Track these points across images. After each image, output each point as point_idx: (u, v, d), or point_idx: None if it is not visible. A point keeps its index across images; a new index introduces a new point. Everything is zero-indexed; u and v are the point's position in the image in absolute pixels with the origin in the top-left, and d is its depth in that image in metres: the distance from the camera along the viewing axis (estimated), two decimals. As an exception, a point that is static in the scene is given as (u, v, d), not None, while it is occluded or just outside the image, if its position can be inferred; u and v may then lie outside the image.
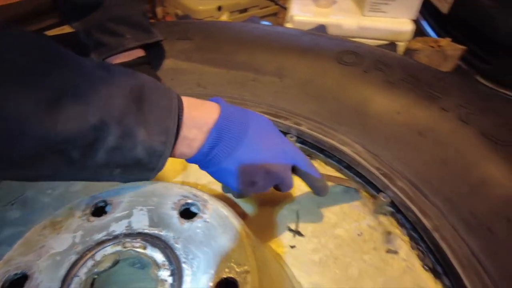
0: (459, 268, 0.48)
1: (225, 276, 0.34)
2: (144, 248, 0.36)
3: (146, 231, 0.38)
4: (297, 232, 0.62)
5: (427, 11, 2.03)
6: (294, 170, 0.50)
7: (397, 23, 1.52)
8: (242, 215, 0.62)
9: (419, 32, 1.82)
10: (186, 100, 0.41)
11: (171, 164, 0.63)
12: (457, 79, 0.69)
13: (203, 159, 0.42)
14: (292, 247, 0.60)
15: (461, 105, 0.63)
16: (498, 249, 0.48)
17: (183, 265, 0.35)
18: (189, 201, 0.40)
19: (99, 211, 0.40)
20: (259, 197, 0.65)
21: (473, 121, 0.60)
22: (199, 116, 0.41)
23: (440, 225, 0.52)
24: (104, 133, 0.34)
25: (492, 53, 1.64)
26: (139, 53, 0.72)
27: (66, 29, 0.81)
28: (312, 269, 0.56)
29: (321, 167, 0.68)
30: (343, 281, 0.54)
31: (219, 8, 1.85)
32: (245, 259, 0.35)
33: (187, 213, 0.40)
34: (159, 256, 0.35)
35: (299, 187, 0.65)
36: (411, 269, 0.54)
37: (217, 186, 0.61)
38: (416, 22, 1.63)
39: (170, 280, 0.34)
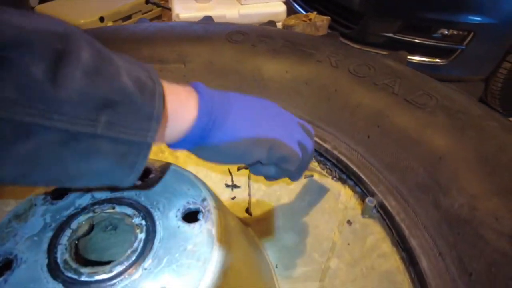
0: (356, 168, 0.64)
1: (188, 207, 0.43)
2: (113, 208, 0.43)
3: (109, 197, 0.44)
4: (234, 186, 0.73)
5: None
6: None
7: (271, 6, 1.72)
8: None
9: (292, 11, 2.08)
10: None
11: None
12: (322, 38, 0.87)
13: (200, 135, 0.37)
14: (233, 198, 0.71)
15: (330, 55, 0.80)
16: (376, 149, 0.66)
17: (151, 210, 0.42)
18: (140, 165, 0.47)
19: (58, 196, 0.45)
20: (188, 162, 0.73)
21: (341, 65, 0.78)
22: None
23: (336, 145, 0.68)
24: (72, 45, 0.26)
25: (350, 20, 1.96)
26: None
27: None
28: (253, 209, 0.68)
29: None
30: (279, 210, 0.67)
31: (101, 19, 1.83)
32: (200, 192, 0.45)
33: (143, 176, 0.47)
34: (128, 210, 0.42)
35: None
36: (325, 182, 0.69)
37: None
38: (287, 2, 1.86)
39: (143, 222, 0.41)
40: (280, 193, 0.70)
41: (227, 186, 0.73)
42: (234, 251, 0.42)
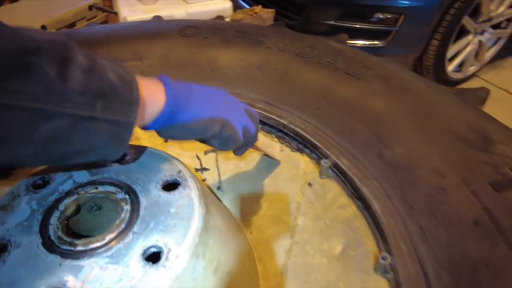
0: (310, 137, 0.72)
1: (166, 179, 0.48)
2: (96, 188, 0.46)
3: (91, 179, 0.47)
4: (203, 169, 0.78)
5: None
6: None
7: (218, 3, 1.77)
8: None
9: (238, 7, 2.14)
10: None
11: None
12: (269, 27, 0.94)
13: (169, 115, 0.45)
14: (204, 180, 0.76)
15: (277, 41, 0.87)
16: (325, 118, 0.74)
17: (132, 186, 0.47)
18: (115, 150, 0.51)
19: (40, 186, 0.48)
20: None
21: (288, 49, 0.86)
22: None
23: (292, 120, 0.76)
24: (72, 52, 0.34)
25: (294, 11, 2.07)
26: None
27: None
28: (223, 186, 0.74)
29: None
30: (247, 184, 0.73)
31: (43, 28, 1.77)
32: (174, 166, 0.50)
33: (119, 158, 0.50)
34: (111, 188, 0.46)
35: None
36: (285, 153, 0.76)
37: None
38: (232, -1, 1.92)
39: (127, 196, 0.45)
40: (247, 169, 0.76)
41: (197, 170, 0.78)
42: (212, 212, 0.48)
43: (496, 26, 2.29)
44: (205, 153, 0.81)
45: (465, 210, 0.54)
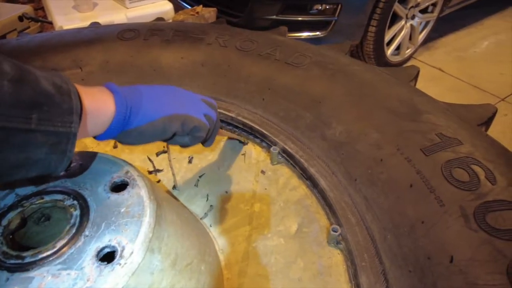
0: (258, 127, 0.74)
1: (113, 181, 0.48)
2: (42, 198, 0.45)
3: (35, 190, 0.46)
4: (157, 170, 0.78)
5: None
6: None
7: (158, 6, 1.75)
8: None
9: (179, 8, 2.12)
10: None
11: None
12: (209, 24, 0.95)
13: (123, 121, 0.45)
14: (158, 181, 0.76)
15: (218, 37, 0.89)
16: (271, 108, 0.77)
17: (80, 191, 0.46)
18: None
19: (-21, 205, 0.46)
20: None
21: (229, 44, 0.88)
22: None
23: (239, 112, 0.78)
24: None
25: (236, 9, 2.09)
26: None
27: None
28: (179, 187, 0.74)
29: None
30: (202, 179, 0.74)
31: (-30, 45, 1.65)
32: (121, 167, 0.50)
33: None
34: (58, 196, 0.45)
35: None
36: (236, 145, 0.78)
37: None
38: (173, 0, 1.91)
39: (75, 202, 0.45)
40: (201, 165, 0.77)
41: (150, 172, 0.77)
42: (165, 207, 0.49)
43: (424, 11, 2.46)
44: (157, 154, 0.80)
45: (401, 176, 0.59)
